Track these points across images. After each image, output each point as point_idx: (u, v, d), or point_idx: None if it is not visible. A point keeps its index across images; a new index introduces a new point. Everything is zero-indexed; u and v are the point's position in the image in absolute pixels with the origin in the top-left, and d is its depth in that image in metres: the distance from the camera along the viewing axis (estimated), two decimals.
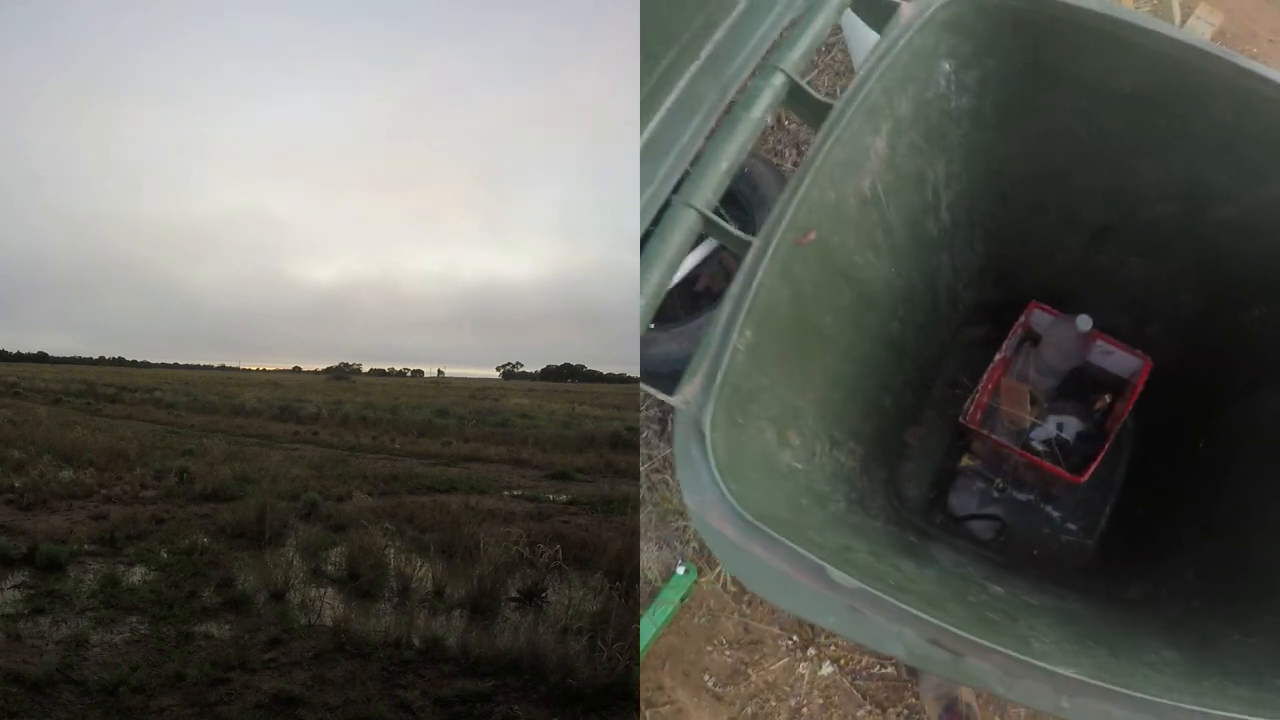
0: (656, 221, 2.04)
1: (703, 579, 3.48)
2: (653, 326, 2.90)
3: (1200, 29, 4.37)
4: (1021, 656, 1.56)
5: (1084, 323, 2.91)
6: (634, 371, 4.27)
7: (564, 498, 8.24)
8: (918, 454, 3.37)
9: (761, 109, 2.18)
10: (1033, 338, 3.26)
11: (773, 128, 4.28)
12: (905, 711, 3.16)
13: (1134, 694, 1.52)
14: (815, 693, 3.22)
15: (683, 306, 3.77)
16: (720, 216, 2.06)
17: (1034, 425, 3.24)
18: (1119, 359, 3.19)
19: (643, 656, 3.34)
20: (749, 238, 2.08)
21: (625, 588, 4.22)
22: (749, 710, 3.23)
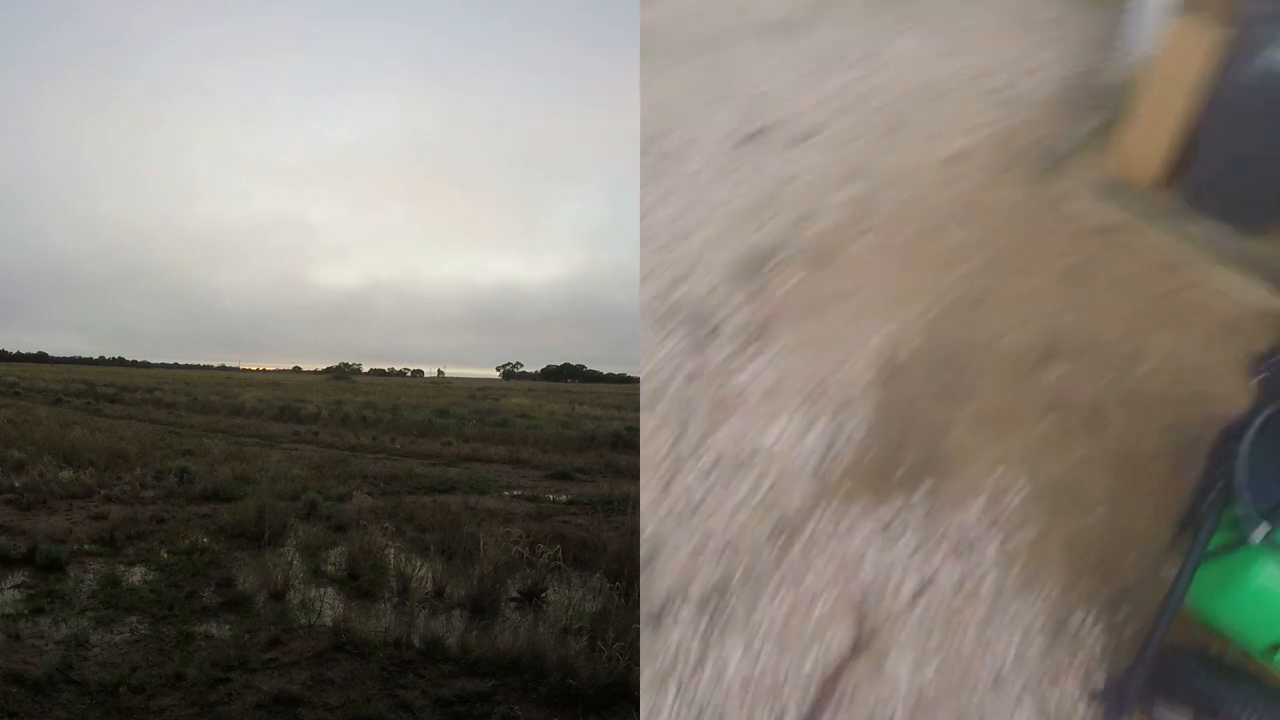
0: None
1: None
2: None
3: None
4: None
5: None
6: (634, 371, 4.32)
7: (564, 498, 8.24)
8: None
9: None
10: None
11: None
12: None
13: None
14: None
15: None
16: None
17: None
18: None
19: None
20: None
21: (625, 588, 4.23)
22: None
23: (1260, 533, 1.85)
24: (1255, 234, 4.10)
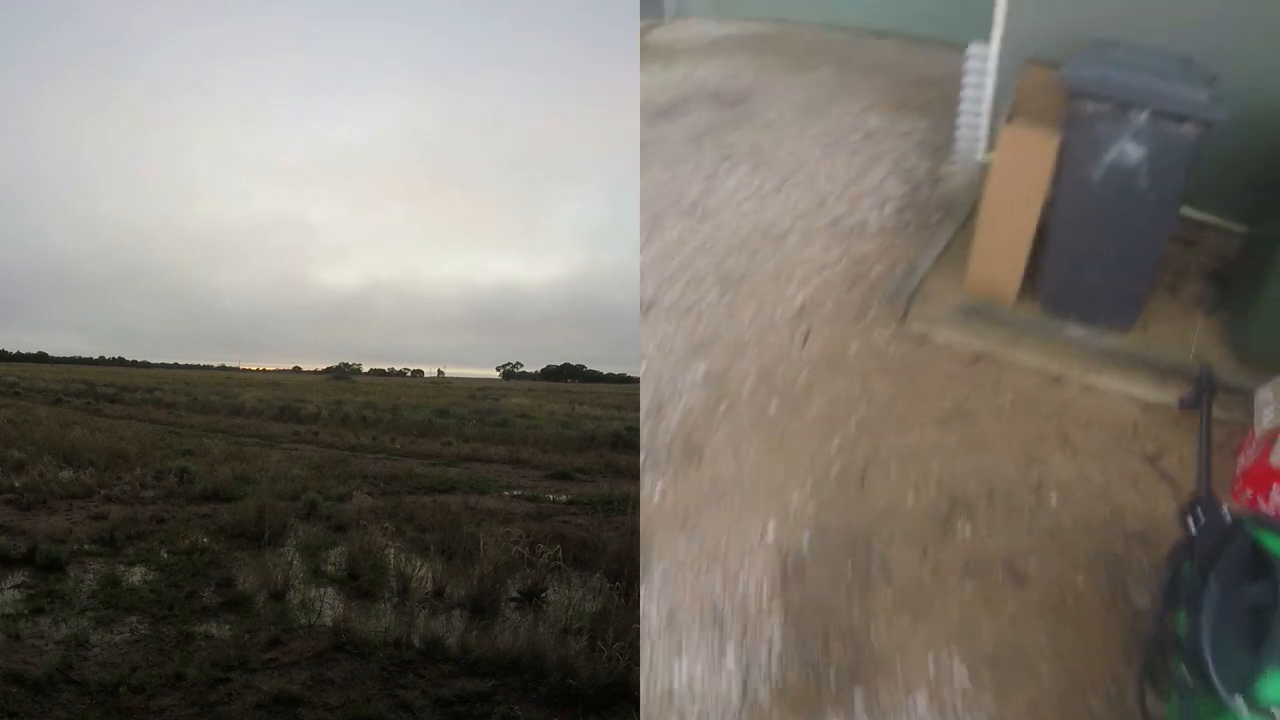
0: None
1: None
2: None
3: None
4: None
5: None
6: (634, 371, 4.27)
7: (564, 498, 8.24)
8: None
9: None
10: None
11: None
12: None
13: None
14: None
15: None
16: None
17: None
18: None
19: None
20: None
21: (625, 588, 4.23)
22: None
23: (1240, 703, 1.85)
24: (1122, 329, 4.03)
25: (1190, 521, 2.06)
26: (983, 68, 5.09)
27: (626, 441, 11.59)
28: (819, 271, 4.66)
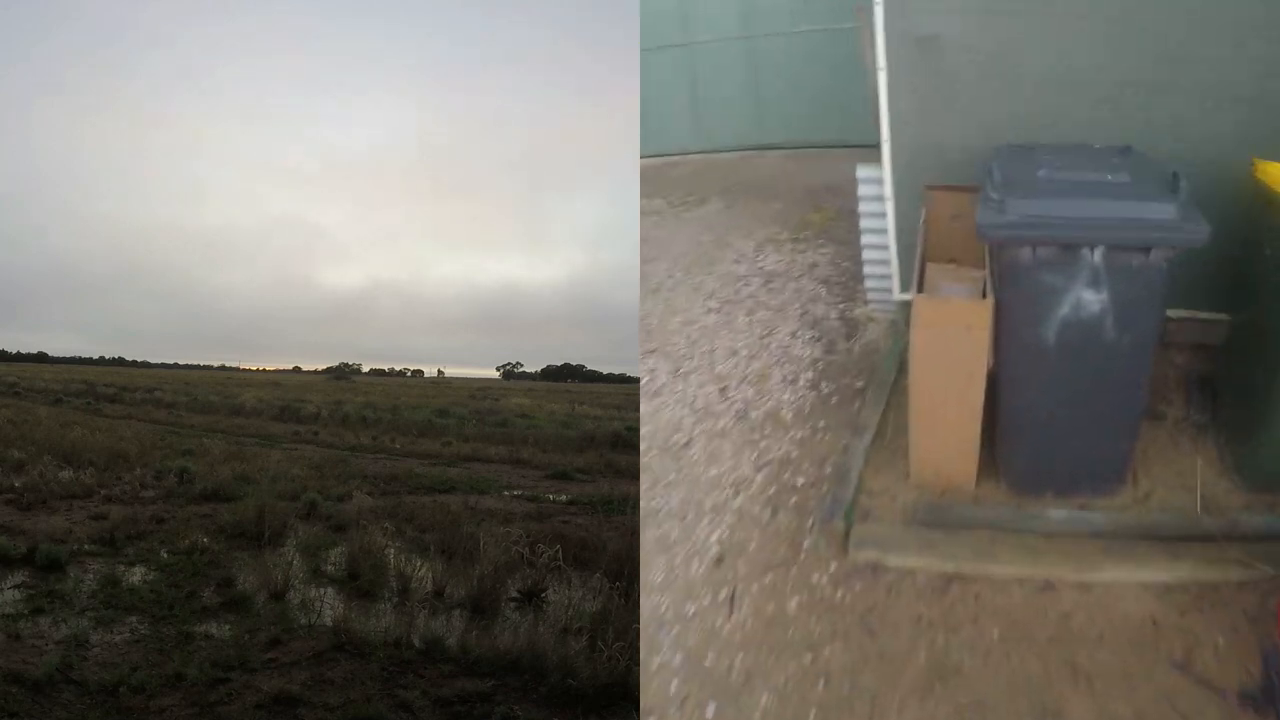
0: None
1: None
2: None
3: None
4: None
5: None
6: (634, 371, 4.10)
7: (564, 498, 8.24)
8: None
9: None
10: None
11: None
12: None
13: None
14: None
15: None
16: None
17: None
18: None
19: None
20: None
21: (625, 588, 4.23)
22: None
23: None
24: (1105, 495, 3.33)
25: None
26: (878, 193, 4.33)
27: (626, 441, 11.59)
28: (734, 495, 3.78)
